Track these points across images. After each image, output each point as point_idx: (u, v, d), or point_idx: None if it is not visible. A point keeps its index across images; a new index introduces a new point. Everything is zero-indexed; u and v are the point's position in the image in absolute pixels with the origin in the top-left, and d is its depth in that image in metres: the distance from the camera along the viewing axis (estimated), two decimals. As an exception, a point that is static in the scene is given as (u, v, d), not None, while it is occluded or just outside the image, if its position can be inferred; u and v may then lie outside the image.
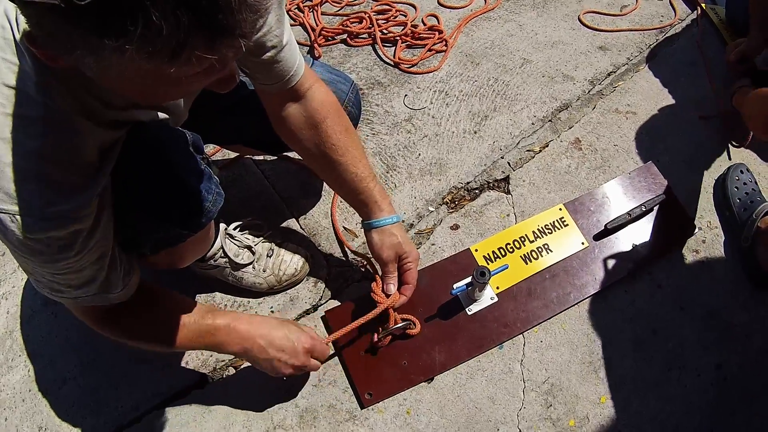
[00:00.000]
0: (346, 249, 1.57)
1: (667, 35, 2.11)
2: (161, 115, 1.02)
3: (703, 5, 2.18)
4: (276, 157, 1.73)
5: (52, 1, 0.47)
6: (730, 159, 1.74)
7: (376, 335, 1.32)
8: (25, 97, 0.71)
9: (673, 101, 1.88)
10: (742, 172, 1.63)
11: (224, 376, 1.39)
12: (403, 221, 1.59)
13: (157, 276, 1.44)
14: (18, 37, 0.70)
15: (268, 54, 1.04)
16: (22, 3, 0.50)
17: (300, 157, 1.36)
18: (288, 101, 1.20)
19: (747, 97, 1.53)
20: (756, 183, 1.62)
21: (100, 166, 0.82)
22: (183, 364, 1.41)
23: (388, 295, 1.31)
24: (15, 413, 1.39)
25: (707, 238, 1.57)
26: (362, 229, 1.37)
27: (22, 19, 0.60)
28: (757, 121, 1.45)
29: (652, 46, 2.07)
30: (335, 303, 1.48)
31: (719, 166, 1.71)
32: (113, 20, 0.48)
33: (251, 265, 1.45)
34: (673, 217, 1.59)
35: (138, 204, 0.95)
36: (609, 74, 1.98)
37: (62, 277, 0.87)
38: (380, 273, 1.36)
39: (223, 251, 1.40)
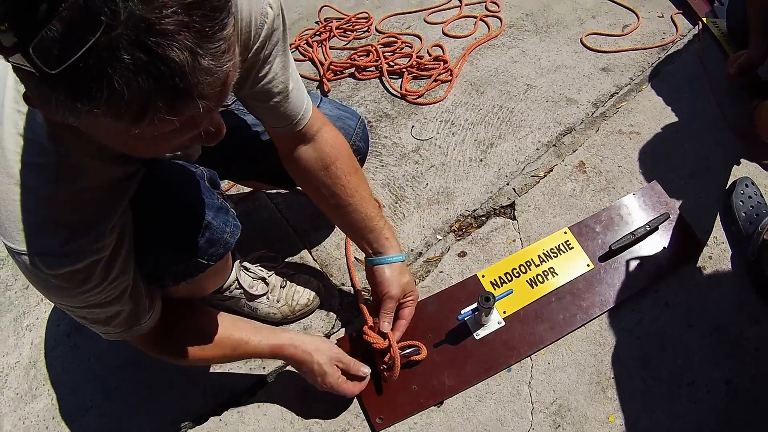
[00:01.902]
0: (355, 281, 1.62)
1: (668, 52, 2.14)
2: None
3: (704, 19, 2.20)
4: (288, 191, 1.80)
5: (29, 69, 0.51)
6: (739, 164, 1.75)
7: (382, 370, 1.37)
8: (37, 145, 0.76)
9: (676, 118, 1.90)
10: (747, 185, 1.65)
11: (240, 406, 1.45)
12: (405, 255, 1.63)
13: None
14: None
15: (275, 99, 1.11)
16: (13, 67, 0.55)
17: None
18: (298, 143, 1.26)
19: (760, 107, 1.53)
20: (761, 196, 1.63)
21: (113, 202, 0.88)
22: (200, 393, 1.49)
23: (382, 333, 1.35)
24: None
25: (714, 254, 1.58)
26: (366, 266, 1.42)
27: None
28: None
29: (654, 65, 2.10)
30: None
31: (724, 181, 1.72)
32: (82, 86, 0.52)
33: (265, 296, 1.52)
34: (679, 235, 1.60)
35: (159, 238, 1.02)
36: (612, 95, 2.02)
37: (89, 312, 0.94)
38: (374, 308, 1.41)
39: (239, 283, 1.47)
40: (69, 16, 0.48)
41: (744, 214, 1.59)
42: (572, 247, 1.58)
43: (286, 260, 1.68)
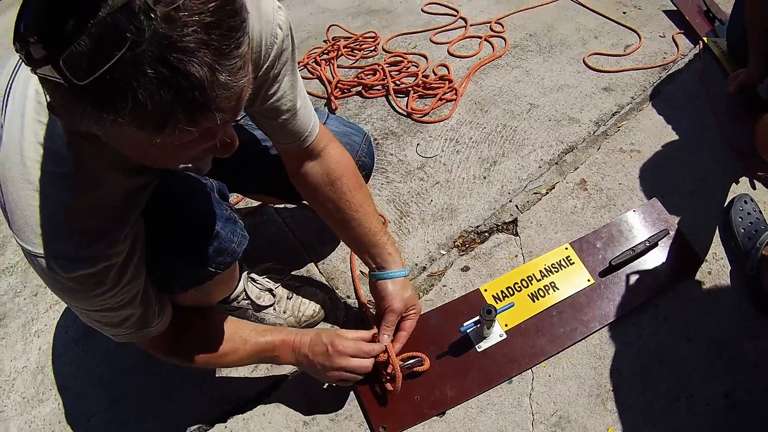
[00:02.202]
0: (360, 294, 1.66)
1: (670, 72, 2.19)
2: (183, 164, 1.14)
3: (704, 39, 2.25)
4: (295, 206, 1.85)
5: (57, 80, 0.55)
6: (738, 182, 1.79)
7: (385, 381, 1.40)
8: (57, 155, 0.80)
9: (676, 137, 1.94)
10: (746, 202, 1.68)
11: (245, 413, 1.48)
12: (409, 270, 1.66)
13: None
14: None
15: (283, 117, 1.16)
16: (40, 78, 0.58)
17: None
18: (305, 159, 1.31)
19: (759, 125, 1.56)
20: (760, 212, 1.66)
21: (128, 210, 0.92)
22: (206, 399, 1.52)
23: (382, 343, 1.38)
24: None
25: (713, 270, 1.61)
26: (370, 280, 1.45)
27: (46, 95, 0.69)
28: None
29: (655, 84, 2.15)
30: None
31: (723, 198, 1.75)
32: (108, 97, 0.55)
33: (272, 307, 1.55)
34: (679, 251, 1.63)
35: (170, 246, 1.05)
36: (613, 114, 2.06)
37: (100, 315, 0.98)
38: (377, 321, 1.44)
39: (246, 294, 1.51)
40: (97, 32, 0.52)
41: (743, 230, 1.62)
42: (573, 263, 1.62)
43: (293, 273, 1.72)
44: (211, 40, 0.56)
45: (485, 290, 1.59)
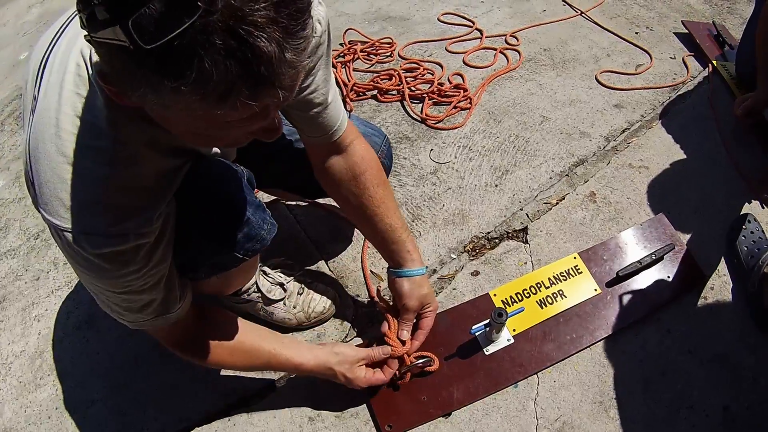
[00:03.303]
0: (372, 292, 1.69)
1: (679, 92, 2.24)
2: (214, 149, 1.14)
3: (714, 62, 2.30)
4: (307, 204, 1.89)
5: (122, 43, 0.54)
6: (744, 204, 1.83)
7: (396, 372, 1.43)
8: (96, 129, 0.79)
9: (684, 156, 1.98)
10: (750, 221, 1.72)
11: (249, 408, 1.49)
12: (426, 268, 1.70)
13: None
14: (92, 73, 0.79)
15: (315, 110, 1.17)
16: (97, 43, 0.58)
17: (336, 205, 1.47)
18: (331, 153, 1.33)
19: None
20: (763, 232, 1.70)
21: (162, 191, 0.91)
22: (209, 393, 1.53)
23: (402, 340, 1.42)
24: (40, 428, 1.51)
25: (716, 285, 1.65)
26: (388, 276, 1.48)
27: (95, 58, 0.65)
28: None
29: (665, 104, 2.20)
30: (359, 341, 1.59)
31: (728, 216, 1.79)
32: (173, 64, 0.55)
33: (282, 302, 1.57)
34: (683, 265, 1.67)
35: (201, 229, 1.06)
36: (623, 131, 2.10)
37: (123, 298, 0.97)
38: (397, 317, 1.46)
39: (257, 287, 1.53)
40: None
41: (746, 248, 1.66)
42: (581, 272, 1.65)
43: (304, 270, 1.74)
44: (280, 18, 0.56)
45: (495, 295, 1.62)
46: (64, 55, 0.82)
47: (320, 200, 1.78)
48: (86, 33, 0.58)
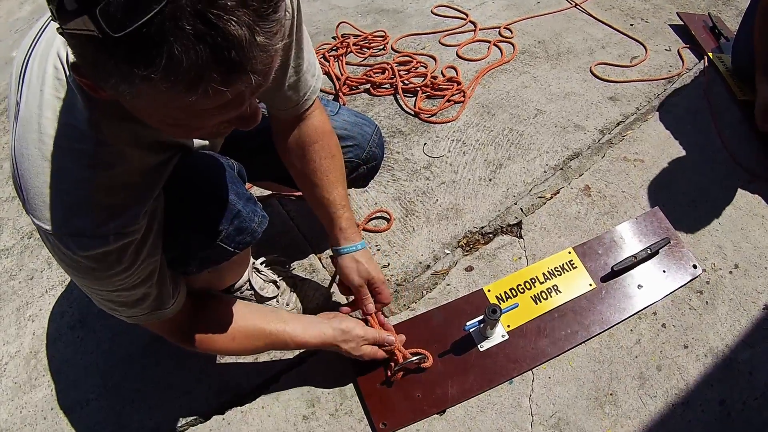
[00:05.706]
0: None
1: (674, 85, 2.22)
2: (198, 142, 1.12)
3: (710, 54, 2.29)
4: (300, 198, 1.87)
5: (91, 32, 0.53)
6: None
7: (389, 371, 1.42)
8: (77, 131, 0.79)
9: (679, 148, 1.97)
10: None
11: (244, 406, 1.48)
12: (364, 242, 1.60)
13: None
14: (69, 74, 0.79)
15: (284, 88, 1.17)
16: (68, 35, 0.57)
17: None
18: (292, 124, 1.31)
19: None
20: None
21: (148, 187, 0.91)
22: (204, 391, 1.52)
23: (368, 314, 1.41)
24: (36, 429, 1.50)
25: (711, 280, 1.64)
26: (331, 256, 1.46)
27: (72, 58, 0.64)
28: None
29: (660, 96, 2.18)
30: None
31: (723, 209, 1.78)
32: (142, 52, 0.54)
33: (275, 299, 1.56)
34: (678, 260, 1.66)
35: (191, 223, 1.05)
36: (618, 124, 2.09)
37: (117, 295, 0.97)
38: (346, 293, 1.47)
39: (250, 284, 1.52)
40: None
41: None
42: (575, 267, 1.64)
43: (296, 265, 1.73)
44: (250, 1, 0.55)
45: (488, 290, 1.61)
46: (42, 57, 0.82)
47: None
48: (57, 26, 0.57)
